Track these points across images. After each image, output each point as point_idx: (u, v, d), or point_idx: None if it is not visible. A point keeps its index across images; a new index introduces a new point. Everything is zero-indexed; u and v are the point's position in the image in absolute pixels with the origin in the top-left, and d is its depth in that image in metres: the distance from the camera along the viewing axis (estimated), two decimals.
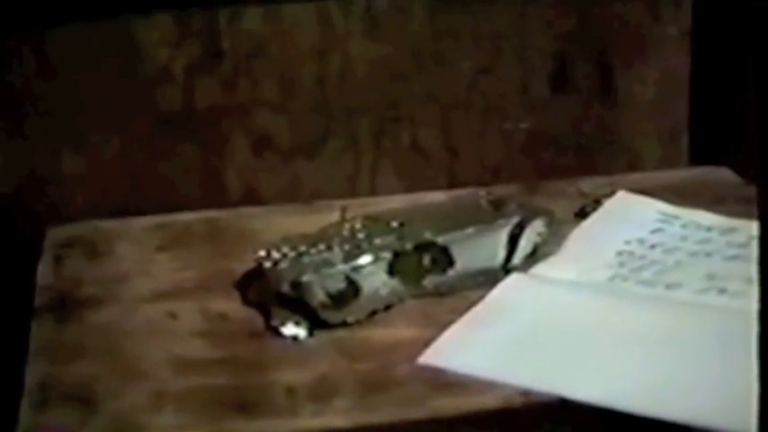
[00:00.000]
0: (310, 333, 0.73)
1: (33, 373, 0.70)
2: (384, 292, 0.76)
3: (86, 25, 0.92)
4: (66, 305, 0.79)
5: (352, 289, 0.74)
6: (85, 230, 0.91)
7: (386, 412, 0.65)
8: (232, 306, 0.77)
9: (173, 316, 0.77)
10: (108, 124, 0.96)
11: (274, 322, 0.74)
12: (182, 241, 0.89)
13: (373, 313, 0.75)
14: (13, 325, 0.79)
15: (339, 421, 0.64)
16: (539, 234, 0.82)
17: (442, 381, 0.67)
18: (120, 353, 0.72)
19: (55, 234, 0.91)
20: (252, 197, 0.99)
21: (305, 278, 0.73)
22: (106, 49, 0.94)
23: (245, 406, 0.65)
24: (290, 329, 0.73)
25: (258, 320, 0.75)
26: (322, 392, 0.66)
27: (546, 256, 0.82)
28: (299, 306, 0.73)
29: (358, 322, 0.74)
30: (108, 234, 0.90)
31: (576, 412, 0.64)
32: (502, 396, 0.65)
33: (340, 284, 0.74)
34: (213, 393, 0.67)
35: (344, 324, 0.74)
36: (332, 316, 0.73)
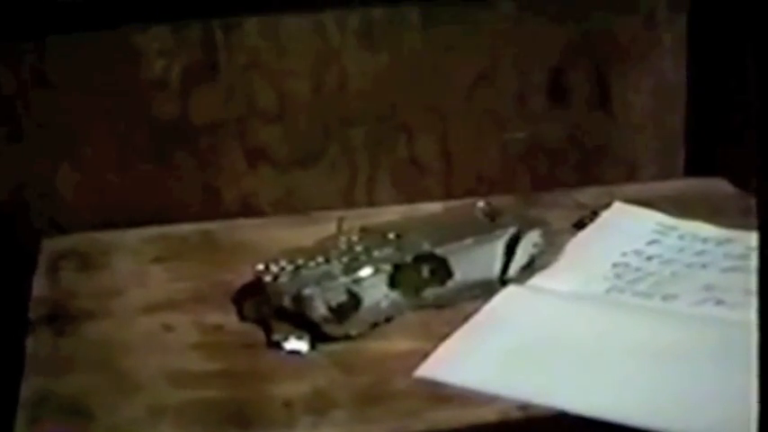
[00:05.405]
0: (312, 347, 0.72)
1: (29, 386, 0.69)
2: (385, 304, 0.75)
3: (84, 36, 0.92)
4: (62, 317, 0.78)
5: (354, 301, 0.74)
6: (81, 242, 0.91)
7: (383, 425, 0.64)
8: (228, 318, 0.77)
9: (168, 328, 0.76)
10: (104, 135, 0.95)
11: (276, 337, 0.73)
12: (177, 253, 0.89)
13: (374, 326, 0.75)
14: (8, 337, 0.78)
15: None
16: (534, 245, 0.81)
17: (440, 394, 0.66)
18: (116, 365, 0.72)
19: (50, 245, 0.90)
20: (248, 208, 0.98)
21: (306, 291, 0.73)
22: (103, 59, 0.94)
23: (242, 419, 0.65)
24: (292, 344, 0.72)
25: (254, 333, 0.75)
26: (319, 405, 0.66)
27: (542, 267, 0.82)
28: (299, 320, 0.73)
29: (360, 335, 0.74)
30: (103, 246, 0.90)
31: (574, 425, 0.64)
32: (499, 409, 0.65)
33: (341, 297, 0.73)
34: (209, 406, 0.67)
35: (347, 337, 0.73)
36: (334, 329, 0.73)
